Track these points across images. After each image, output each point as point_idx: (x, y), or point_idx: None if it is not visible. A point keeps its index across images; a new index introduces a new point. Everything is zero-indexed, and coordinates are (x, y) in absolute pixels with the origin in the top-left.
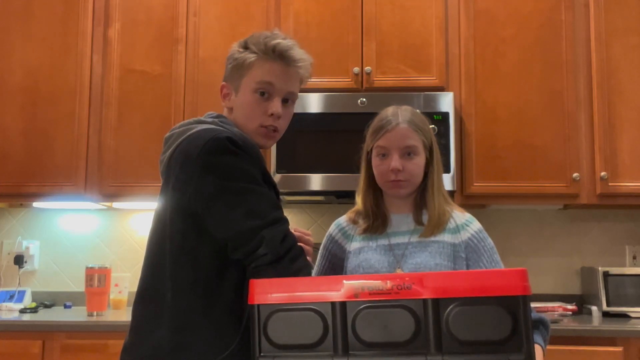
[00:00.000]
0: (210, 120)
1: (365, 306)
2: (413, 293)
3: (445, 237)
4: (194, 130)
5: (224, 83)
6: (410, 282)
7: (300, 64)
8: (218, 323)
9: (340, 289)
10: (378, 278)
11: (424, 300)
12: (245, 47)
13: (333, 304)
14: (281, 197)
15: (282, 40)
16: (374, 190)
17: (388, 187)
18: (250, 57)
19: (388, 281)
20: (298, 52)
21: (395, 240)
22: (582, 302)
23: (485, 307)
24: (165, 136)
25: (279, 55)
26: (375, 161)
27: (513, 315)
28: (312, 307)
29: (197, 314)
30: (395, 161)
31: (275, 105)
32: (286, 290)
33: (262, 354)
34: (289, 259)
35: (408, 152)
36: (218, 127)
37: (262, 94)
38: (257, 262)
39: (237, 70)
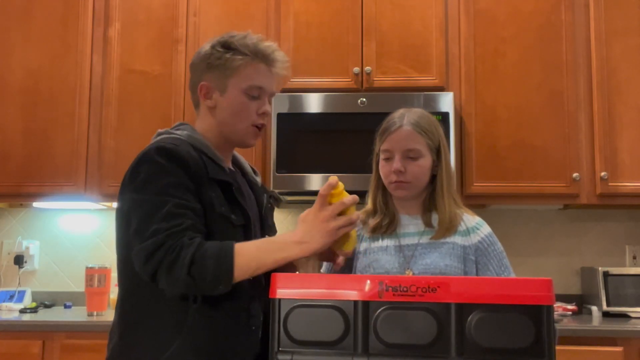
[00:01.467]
0: (164, 130)
1: (388, 307)
2: (438, 296)
3: (456, 239)
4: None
5: (204, 83)
6: (435, 285)
7: (284, 65)
8: (159, 325)
9: (364, 288)
10: (403, 279)
11: (448, 305)
12: (229, 47)
13: (355, 302)
14: (281, 197)
15: (269, 43)
16: (384, 190)
17: (391, 188)
18: (238, 58)
19: (413, 283)
20: (281, 54)
21: (404, 241)
22: (582, 302)
23: (509, 315)
24: None
25: (266, 58)
26: (381, 163)
27: (537, 324)
28: (334, 304)
29: (140, 318)
30: (396, 163)
31: (267, 106)
32: (308, 286)
33: (280, 349)
34: (166, 269)
35: (411, 155)
36: (166, 136)
37: (252, 96)
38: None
39: (221, 71)
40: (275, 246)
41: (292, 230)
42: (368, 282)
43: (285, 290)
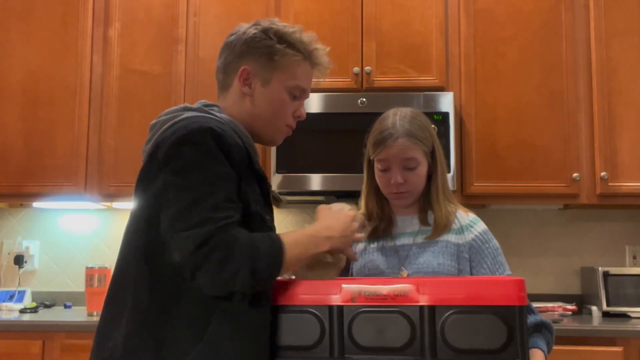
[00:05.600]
0: (197, 107)
1: (361, 310)
2: (409, 299)
3: (450, 237)
4: (177, 119)
5: (246, 67)
6: (407, 288)
7: (326, 71)
8: (175, 330)
9: (338, 293)
10: (376, 282)
11: (420, 307)
12: (282, 39)
13: (330, 307)
14: (282, 197)
15: (321, 46)
16: (377, 194)
17: (391, 198)
18: (291, 54)
19: (385, 286)
20: (327, 60)
21: (400, 241)
22: (582, 302)
23: (481, 316)
24: (151, 123)
25: (315, 60)
26: (377, 172)
27: (509, 325)
28: (310, 309)
29: (153, 317)
30: (395, 175)
31: (303, 110)
32: (285, 292)
33: None
34: (216, 263)
35: (409, 165)
36: (205, 115)
37: (294, 96)
38: (183, 272)
39: (270, 61)
40: (309, 241)
41: (311, 225)
42: (341, 287)
43: None
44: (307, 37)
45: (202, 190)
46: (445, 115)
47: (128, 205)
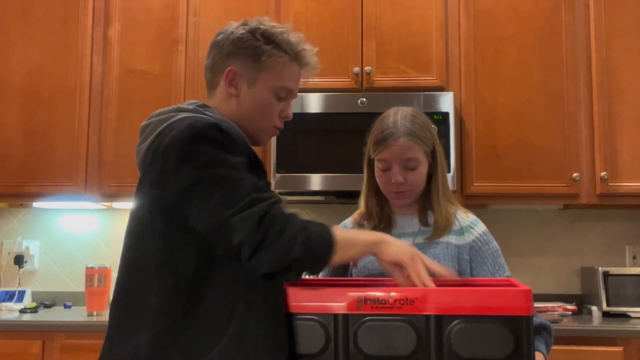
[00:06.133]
0: (191, 108)
1: (367, 319)
2: (416, 308)
3: (450, 239)
4: (173, 119)
5: (232, 68)
6: (413, 297)
7: (315, 71)
8: (201, 326)
9: (344, 301)
10: (382, 290)
11: (427, 316)
12: (270, 40)
13: (336, 315)
14: (281, 197)
15: (309, 46)
16: (377, 193)
17: (391, 197)
18: (278, 55)
19: (391, 294)
20: (315, 60)
21: None
22: (582, 302)
23: (488, 325)
24: (142, 125)
25: (302, 61)
26: (377, 172)
27: (516, 335)
28: (315, 317)
29: (179, 317)
30: (396, 175)
31: (290, 110)
32: (290, 300)
33: None
34: (274, 236)
35: (409, 165)
36: (200, 115)
37: (280, 97)
38: (241, 255)
39: (256, 62)
40: (363, 237)
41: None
42: (347, 295)
43: None
44: (294, 37)
45: (235, 176)
46: (445, 115)
47: (128, 205)
